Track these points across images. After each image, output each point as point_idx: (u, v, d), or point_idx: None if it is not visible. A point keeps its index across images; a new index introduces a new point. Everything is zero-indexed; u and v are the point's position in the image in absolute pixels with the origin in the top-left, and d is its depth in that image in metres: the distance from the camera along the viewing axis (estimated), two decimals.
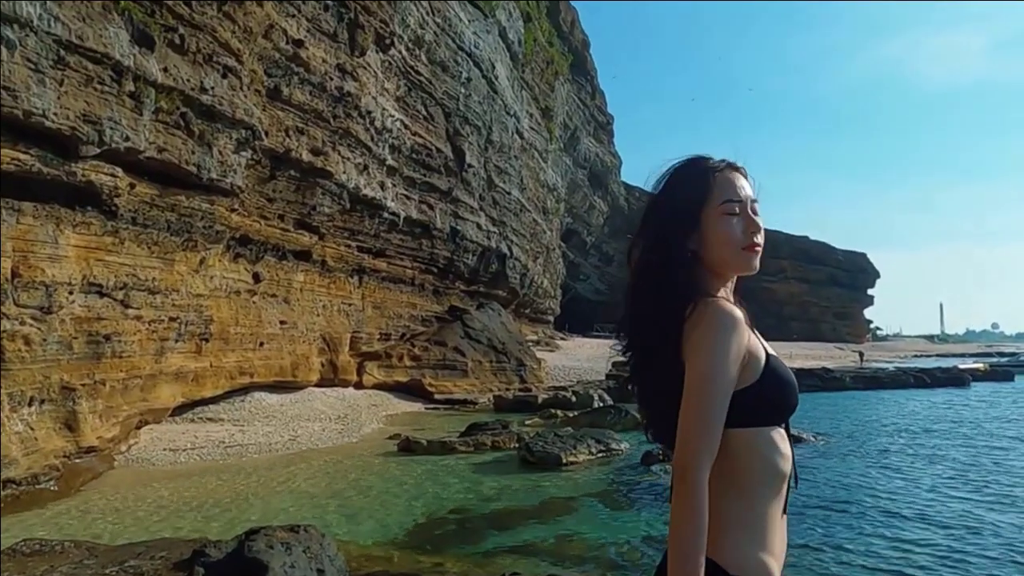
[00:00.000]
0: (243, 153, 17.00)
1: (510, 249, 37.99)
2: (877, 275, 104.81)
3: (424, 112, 28.73)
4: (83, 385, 12.64)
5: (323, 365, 23.06)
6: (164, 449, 14.19)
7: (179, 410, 16.81)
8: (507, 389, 27.69)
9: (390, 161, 25.87)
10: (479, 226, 33.86)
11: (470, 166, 32.54)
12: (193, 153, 15.17)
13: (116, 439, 13.62)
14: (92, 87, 12.54)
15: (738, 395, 1.52)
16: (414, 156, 27.91)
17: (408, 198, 27.68)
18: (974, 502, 10.77)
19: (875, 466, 13.90)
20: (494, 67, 35.12)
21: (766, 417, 1.58)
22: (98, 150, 12.75)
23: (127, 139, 13.19)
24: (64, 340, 12.47)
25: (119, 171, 13.43)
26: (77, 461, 12.09)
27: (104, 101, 12.77)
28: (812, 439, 16.38)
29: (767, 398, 1.58)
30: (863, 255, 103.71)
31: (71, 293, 12.69)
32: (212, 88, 15.39)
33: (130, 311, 14.15)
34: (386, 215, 25.79)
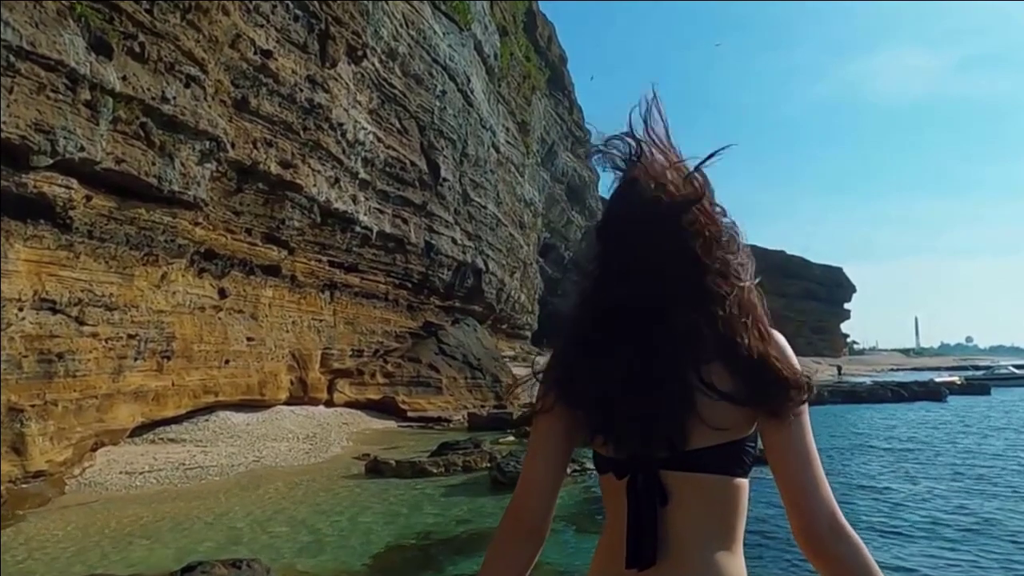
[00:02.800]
0: (207, 165, 16.53)
1: (486, 264, 37.62)
2: (853, 289, 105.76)
3: (398, 125, 28.35)
4: (32, 406, 12.06)
5: (292, 383, 22.49)
6: (120, 472, 13.60)
7: (139, 430, 16.19)
8: (482, 406, 27.23)
9: (363, 174, 25.43)
10: (454, 240, 33.46)
11: (445, 180, 32.18)
12: (154, 164, 14.68)
13: (68, 462, 13.01)
14: (45, 95, 12.05)
15: (748, 440, 1.30)
16: (387, 169, 27.49)
17: (381, 212, 27.24)
18: (957, 528, 10.40)
19: (856, 488, 13.54)
20: (469, 80, 34.87)
21: None
22: (51, 160, 12.25)
23: (82, 149, 12.70)
24: (13, 359, 11.89)
25: (74, 182, 12.92)
26: (24, 486, 11.49)
27: (58, 110, 12.28)
28: None
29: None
30: (839, 269, 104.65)
31: (21, 310, 12.15)
32: (174, 98, 14.93)
33: (85, 328, 13.59)
34: (358, 229, 25.33)
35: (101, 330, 14.05)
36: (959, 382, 45.25)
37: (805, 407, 1.29)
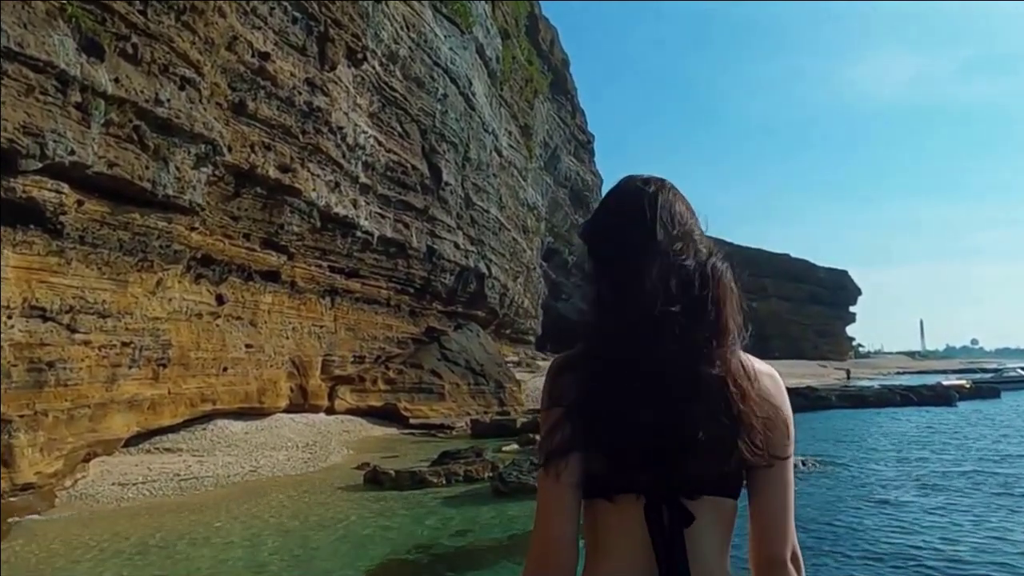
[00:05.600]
0: (203, 169, 16.21)
1: (489, 268, 37.27)
2: (858, 292, 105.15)
3: (399, 128, 28.07)
4: (21, 416, 11.74)
5: (292, 390, 22.15)
6: (113, 483, 13.27)
7: (135, 440, 15.89)
8: (485, 412, 26.88)
9: (363, 178, 25.14)
10: (457, 245, 33.12)
11: (447, 184, 31.87)
12: (147, 168, 14.37)
13: (59, 474, 12.68)
14: (33, 97, 11.76)
15: None
16: (389, 173, 27.20)
17: (383, 216, 26.93)
18: (978, 549, 9.76)
19: (869, 502, 12.87)
20: (471, 84, 34.58)
21: None
22: (40, 164, 11.95)
23: (73, 153, 12.40)
24: (1, 368, 11.57)
25: (65, 187, 12.62)
26: (12, 499, 11.17)
27: (47, 112, 11.99)
28: (800, 465, 15.62)
29: None
30: (844, 272, 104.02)
31: (10, 317, 11.84)
32: (168, 100, 14.63)
33: (77, 336, 13.28)
34: (359, 234, 25.02)
35: (94, 338, 13.74)
36: (967, 385, 44.66)
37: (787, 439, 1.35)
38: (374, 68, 25.75)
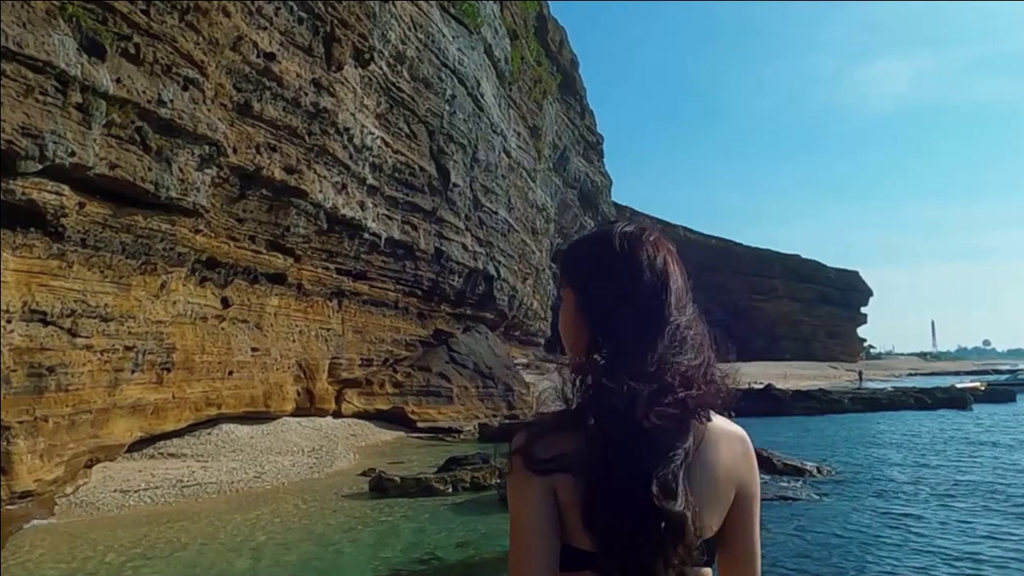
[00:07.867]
0: (207, 170, 15.99)
1: (497, 270, 37.00)
2: (870, 293, 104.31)
3: (407, 129, 27.82)
4: (20, 422, 11.54)
5: (299, 394, 21.94)
6: (114, 490, 13.06)
7: (138, 445, 15.71)
8: (494, 415, 26.62)
9: (370, 180, 24.91)
10: (465, 247, 32.87)
11: (455, 185, 31.61)
12: (150, 170, 14.15)
13: (60, 480, 12.47)
14: (33, 98, 11.56)
15: None
16: (396, 175, 26.97)
17: (390, 218, 26.71)
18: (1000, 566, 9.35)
19: (885, 514, 12.25)
20: (479, 84, 34.31)
21: None
22: (40, 166, 11.75)
23: (73, 154, 12.19)
24: (1, 373, 11.38)
25: (65, 188, 12.42)
26: (10, 507, 10.96)
27: (47, 113, 11.78)
28: (815, 472, 15.22)
29: None
30: (855, 273, 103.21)
31: (10, 322, 11.65)
32: (171, 101, 14.40)
33: (78, 340, 13.07)
34: (367, 236, 24.81)
35: (96, 342, 13.53)
36: (982, 388, 44.11)
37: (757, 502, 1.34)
38: (381, 69, 25.51)
